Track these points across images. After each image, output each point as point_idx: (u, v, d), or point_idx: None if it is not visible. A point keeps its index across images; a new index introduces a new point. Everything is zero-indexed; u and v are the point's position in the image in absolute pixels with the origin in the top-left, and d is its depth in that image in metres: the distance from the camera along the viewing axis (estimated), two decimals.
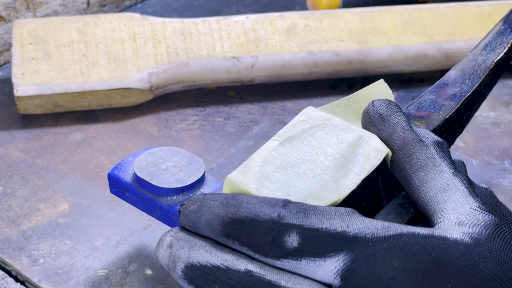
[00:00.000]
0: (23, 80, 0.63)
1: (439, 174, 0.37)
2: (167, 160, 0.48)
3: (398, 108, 0.40)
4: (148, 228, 0.54)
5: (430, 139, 0.39)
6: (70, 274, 0.50)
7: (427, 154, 0.38)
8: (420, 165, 0.37)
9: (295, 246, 0.34)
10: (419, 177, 0.37)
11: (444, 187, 0.37)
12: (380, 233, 0.34)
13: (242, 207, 0.36)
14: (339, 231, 0.34)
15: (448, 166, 0.37)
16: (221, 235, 0.36)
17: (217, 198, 0.37)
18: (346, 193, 0.38)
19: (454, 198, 0.36)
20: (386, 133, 0.39)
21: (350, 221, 0.34)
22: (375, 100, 0.41)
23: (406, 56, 0.68)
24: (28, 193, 0.58)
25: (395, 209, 0.42)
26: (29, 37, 0.66)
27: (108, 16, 0.68)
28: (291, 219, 0.35)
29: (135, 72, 0.65)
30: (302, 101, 0.68)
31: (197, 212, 0.37)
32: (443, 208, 0.36)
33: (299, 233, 0.34)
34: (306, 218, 0.35)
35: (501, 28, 0.48)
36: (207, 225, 0.36)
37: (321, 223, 0.34)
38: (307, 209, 0.35)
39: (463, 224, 0.35)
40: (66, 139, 0.63)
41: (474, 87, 0.46)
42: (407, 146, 0.38)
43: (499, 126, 0.65)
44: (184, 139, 0.63)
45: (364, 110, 0.41)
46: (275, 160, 0.39)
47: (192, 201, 0.37)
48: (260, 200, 0.36)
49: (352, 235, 0.34)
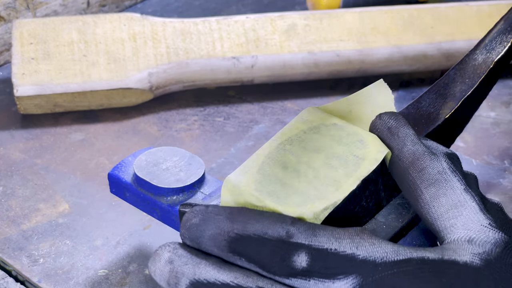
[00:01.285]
0: (23, 80, 0.63)
1: (451, 190, 0.36)
2: (167, 160, 0.48)
3: (406, 121, 0.40)
4: (148, 228, 0.54)
5: (440, 151, 0.38)
6: (70, 274, 0.50)
7: (438, 168, 0.37)
8: (432, 180, 0.37)
9: (304, 266, 0.34)
10: (430, 192, 0.37)
11: (455, 204, 0.36)
12: (390, 258, 0.34)
13: (249, 223, 0.35)
14: (349, 253, 0.34)
15: (459, 181, 0.37)
16: (227, 251, 0.35)
17: (222, 212, 0.36)
18: (346, 193, 0.38)
19: (465, 214, 0.36)
20: (396, 147, 0.39)
21: (359, 243, 0.34)
22: (382, 114, 0.40)
23: (406, 56, 0.68)
24: (28, 193, 0.58)
25: (395, 209, 0.42)
26: (29, 37, 0.66)
27: (108, 16, 0.68)
28: (300, 238, 0.34)
29: (135, 72, 0.65)
30: (302, 101, 0.68)
31: (200, 225, 0.36)
32: (454, 224, 0.36)
33: (308, 253, 0.34)
34: (315, 238, 0.34)
35: (501, 27, 0.48)
36: (212, 240, 0.35)
37: (330, 243, 0.34)
38: (316, 227, 0.35)
39: (473, 242, 0.35)
40: (66, 139, 0.63)
41: (474, 86, 0.46)
42: (418, 161, 0.37)
43: (499, 126, 0.64)
44: (184, 139, 0.63)
45: (372, 123, 0.40)
46: (275, 160, 0.39)
47: (194, 213, 0.37)
48: (267, 216, 0.35)
49: (362, 258, 0.34)
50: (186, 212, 0.37)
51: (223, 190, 0.38)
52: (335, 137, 0.41)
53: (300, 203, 0.37)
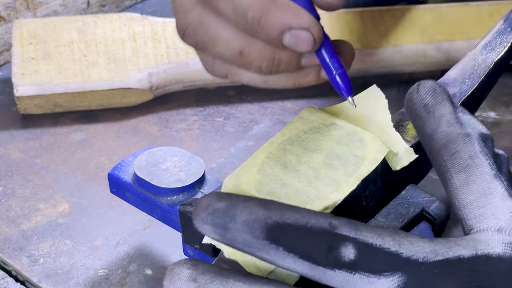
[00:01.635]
0: (23, 80, 0.63)
1: (481, 176, 0.36)
2: (167, 160, 0.48)
3: (445, 94, 0.38)
4: (148, 228, 0.54)
5: (475, 131, 0.38)
6: (70, 274, 0.50)
7: (470, 152, 0.37)
8: (463, 165, 0.36)
9: (351, 258, 0.33)
10: (461, 178, 0.36)
11: (484, 191, 0.36)
12: (430, 258, 0.33)
13: (287, 212, 0.34)
14: (393, 251, 0.33)
15: (490, 166, 0.37)
16: (263, 238, 0.33)
17: (249, 199, 0.34)
18: (346, 193, 0.38)
19: (494, 203, 0.36)
20: (431, 127, 0.38)
21: (400, 241, 0.34)
22: (420, 86, 0.38)
23: (406, 56, 0.68)
24: (28, 193, 0.58)
25: (395, 209, 0.42)
26: (29, 37, 0.66)
27: (108, 16, 0.68)
28: (344, 231, 0.33)
29: (135, 72, 0.65)
30: (302, 101, 0.68)
31: (228, 210, 0.34)
32: (483, 213, 0.36)
33: (355, 246, 0.33)
34: (360, 232, 0.34)
35: (501, 27, 0.48)
36: (246, 226, 0.33)
37: (375, 238, 0.33)
38: (356, 223, 0.34)
39: (503, 231, 0.35)
40: (66, 139, 0.63)
41: (474, 86, 0.46)
42: (451, 144, 0.37)
43: (499, 126, 0.64)
44: (184, 139, 0.63)
45: (408, 94, 0.38)
46: (275, 160, 0.39)
47: (216, 197, 0.34)
48: (302, 208, 0.34)
49: (405, 257, 0.33)
50: (203, 197, 0.35)
51: (223, 190, 0.38)
52: (335, 137, 0.41)
53: (300, 203, 0.37)
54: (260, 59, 0.38)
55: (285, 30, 0.36)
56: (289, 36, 0.36)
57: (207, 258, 0.45)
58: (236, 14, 0.36)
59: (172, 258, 0.52)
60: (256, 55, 0.37)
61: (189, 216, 0.43)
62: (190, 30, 0.38)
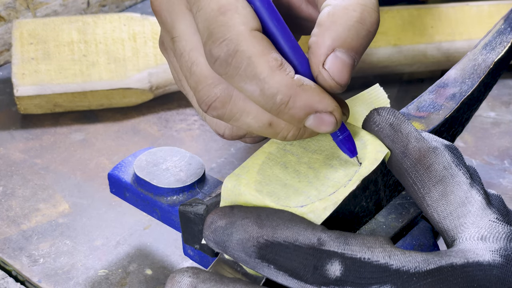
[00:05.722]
0: (23, 80, 0.63)
1: (457, 186, 0.36)
2: (167, 160, 0.48)
3: (403, 115, 0.39)
4: (148, 228, 0.54)
5: (440, 143, 0.38)
6: (70, 274, 0.50)
7: (443, 163, 0.37)
8: (439, 177, 0.37)
9: (337, 275, 0.33)
10: (439, 190, 0.37)
11: (463, 201, 0.36)
12: (422, 267, 0.34)
13: (278, 228, 0.34)
14: (382, 263, 0.33)
15: (464, 175, 0.37)
16: (255, 257, 0.34)
17: (249, 215, 0.35)
18: (346, 194, 0.38)
19: (473, 211, 0.36)
20: (401, 144, 0.38)
21: (391, 252, 0.34)
22: (379, 109, 0.39)
23: (406, 56, 0.68)
24: (28, 193, 0.58)
25: (395, 209, 0.42)
26: (29, 37, 0.66)
27: (108, 16, 0.68)
28: (332, 246, 0.34)
29: (135, 72, 0.65)
30: None
31: (226, 229, 0.35)
32: (463, 223, 0.36)
33: (342, 262, 0.33)
34: (348, 246, 0.34)
35: (501, 27, 0.48)
36: (240, 245, 0.35)
37: (363, 252, 0.34)
38: (347, 235, 0.34)
39: (486, 239, 0.35)
40: (66, 139, 0.63)
41: (474, 86, 0.46)
42: (424, 158, 0.37)
43: (499, 126, 0.64)
44: (184, 139, 0.63)
45: (369, 119, 0.39)
46: (275, 161, 0.39)
47: (218, 215, 0.36)
48: (296, 222, 0.35)
49: (395, 268, 0.33)
50: (210, 213, 0.36)
51: (223, 190, 0.38)
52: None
53: (300, 203, 0.37)
54: (287, 130, 0.38)
55: (311, 113, 0.37)
56: (313, 118, 0.37)
57: (207, 258, 0.45)
58: (264, 96, 0.36)
59: (172, 258, 0.52)
60: (284, 125, 0.38)
61: (189, 216, 0.43)
62: (218, 103, 0.38)
